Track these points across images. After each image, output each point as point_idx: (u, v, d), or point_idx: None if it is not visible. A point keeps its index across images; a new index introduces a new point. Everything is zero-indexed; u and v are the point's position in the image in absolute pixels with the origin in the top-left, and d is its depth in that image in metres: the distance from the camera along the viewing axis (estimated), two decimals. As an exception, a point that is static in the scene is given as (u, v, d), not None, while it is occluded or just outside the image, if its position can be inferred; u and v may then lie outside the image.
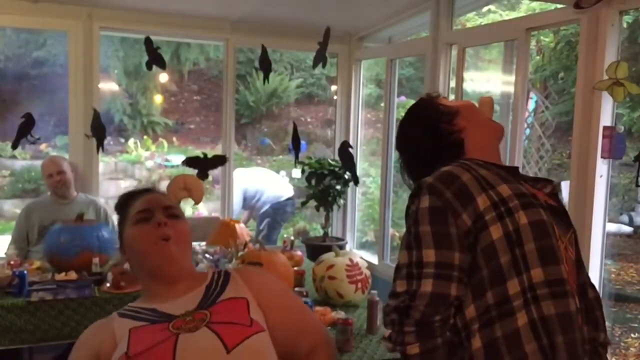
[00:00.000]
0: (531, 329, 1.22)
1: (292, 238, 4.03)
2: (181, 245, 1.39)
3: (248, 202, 6.14)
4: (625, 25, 3.90)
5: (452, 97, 3.69)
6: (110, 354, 1.27)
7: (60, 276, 2.92)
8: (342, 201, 4.63)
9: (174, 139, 10.62)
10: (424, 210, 1.27)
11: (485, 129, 1.48)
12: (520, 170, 1.55)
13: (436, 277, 1.24)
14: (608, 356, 1.46)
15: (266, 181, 6.34)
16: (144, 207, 1.41)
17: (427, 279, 1.24)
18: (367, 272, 2.80)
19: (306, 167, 4.54)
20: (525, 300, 1.22)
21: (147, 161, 9.64)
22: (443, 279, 1.24)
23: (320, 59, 3.95)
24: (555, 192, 1.46)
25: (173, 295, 1.37)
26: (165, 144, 10.12)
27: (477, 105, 1.54)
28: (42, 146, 9.02)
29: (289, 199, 6.23)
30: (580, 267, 1.41)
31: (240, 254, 3.04)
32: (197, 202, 3.39)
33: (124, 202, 1.49)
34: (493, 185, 1.29)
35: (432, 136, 1.45)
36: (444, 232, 1.25)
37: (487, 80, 7.19)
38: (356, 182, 4.44)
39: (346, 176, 4.49)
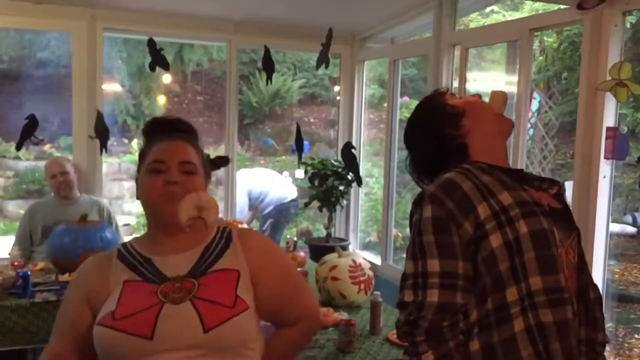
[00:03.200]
0: (528, 334, 1.24)
1: (295, 239, 4.04)
2: None
3: (252, 203, 6.14)
4: (628, 25, 3.89)
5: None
6: (102, 300, 1.33)
7: (64, 277, 2.93)
8: (345, 202, 4.63)
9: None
10: (427, 220, 1.29)
11: (492, 128, 1.45)
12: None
13: (442, 287, 1.26)
14: (611, 357, 1.47)
15: (270, 182, 6.34)
16: (160, 157, 1.40)
17: (433, 289, 1.26)
18: (370, 273, 2.80)
19: (309, 168, 4.55)
20: (523, 308, 1.25)
21: (150, 162, 9.64)
22: (448, 288, 1.26)
23: (323, 59, 3.96)
24: (561, 193, 1.46)
25: (172, 249, 1.39)
26: (169, 144, 10.11)
27: (488, 99, 1.50)
28: (46, 147, 9.04)
29: (292, 200, 6.23)
30: (583, 268, 1.41)
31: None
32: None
33: (147, 134, 1.49)
34: (494, 193, 1.29)
35: (437, 141, 1.44)
36: (447, 242, 1.27)
37: (490, 80, 7.19)
38: (359, 183, 4.44)
39: (349, 177, 4.49)
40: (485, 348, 1.25)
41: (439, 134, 1.44)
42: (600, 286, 2.68)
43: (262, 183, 6.22)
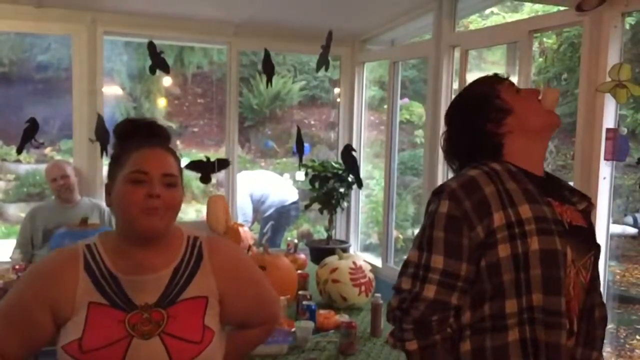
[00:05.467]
0: (521, 346, 1.25)
1: (296, 241, 4.04)
2: (166, 215, 1.35)
3: (253, 205, 6.16)
4: (627, 27, 3.89)
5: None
6: (65, 315, 1.31)
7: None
8: (345, 204, 4.63)
9: (178, 142, 10.64)
10: (441, 216, 1.28)
11: (539, 122, 1.38)
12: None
13: (440, 284, 1.26)
14: (613, 359, 1.48)
15: (271, 184, 6.35)
16: (143, 169, 1.33)
17: (431, 284, 1.27)
18: (371, 275, 2.80)
19: (310, 170, 4.54)
20: (521, 320, 1.25)
21: (151, 164, 9.64)
22: (446, 287, 1.26)
23: (323, 61, 3.96)
24: (589, 210, 1.43)
25: (141, 267, 1.35)
26: (169, 147, 10.12)
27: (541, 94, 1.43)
28: (47, 150, 9.05)
29: (293, 202, 6.23)
30: (594, 289, 1.40)
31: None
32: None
33: (121, 137, 1.43)
34: (515, 204, 1.27)
35: (474, 133, 1.40)
36: (456, 242, 1.27)
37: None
38: (359, 184, 4.44)
39: (350, 179, 4.49)
40: (476, 351, 1.27)
41: (478, 126, 1.40)
42: (601, 287, 2.69)
43: (262, 185, 6.23)
